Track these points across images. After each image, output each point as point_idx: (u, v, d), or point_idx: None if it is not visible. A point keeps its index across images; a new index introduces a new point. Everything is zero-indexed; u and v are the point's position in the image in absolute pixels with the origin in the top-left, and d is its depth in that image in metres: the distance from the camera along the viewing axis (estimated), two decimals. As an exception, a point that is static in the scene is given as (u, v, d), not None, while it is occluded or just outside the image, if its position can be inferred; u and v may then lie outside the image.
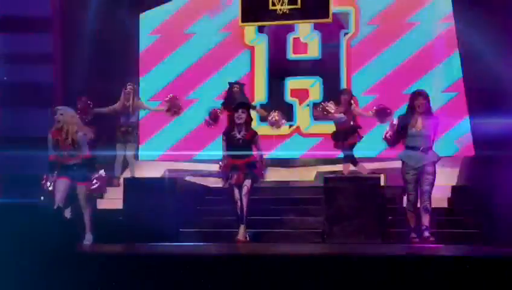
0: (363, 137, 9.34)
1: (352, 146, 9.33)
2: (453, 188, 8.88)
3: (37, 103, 9.54)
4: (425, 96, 7.40)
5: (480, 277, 4.37)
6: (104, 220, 8.13)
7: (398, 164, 7.61)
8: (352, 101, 9.36)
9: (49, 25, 9.92)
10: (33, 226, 5.26)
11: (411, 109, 7.39)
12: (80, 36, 10.23)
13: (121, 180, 9.01)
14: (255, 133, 7.89)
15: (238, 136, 7.77)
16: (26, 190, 8.40)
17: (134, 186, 8.42)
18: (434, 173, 7.34)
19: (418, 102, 7.34)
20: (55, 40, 9.98)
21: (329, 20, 10.47)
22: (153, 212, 7.92)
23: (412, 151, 7.37)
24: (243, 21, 10.94)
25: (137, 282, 4.68)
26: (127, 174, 9.58)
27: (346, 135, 9.29)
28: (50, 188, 7.85)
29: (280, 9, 10.64)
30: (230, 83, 9.64)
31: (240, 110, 7.82)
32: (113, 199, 9.10)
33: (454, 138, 10.05)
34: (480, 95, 9.64)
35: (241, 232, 7.63)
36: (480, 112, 9.54)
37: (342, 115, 9.22)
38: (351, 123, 9.30)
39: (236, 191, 7.71)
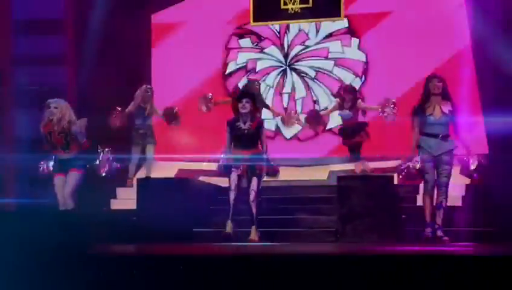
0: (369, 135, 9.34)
1: (359, 144, 9.30)
2: (467, 187, 8.84)
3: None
4: (441, 79, 7.28)
5: (494, 276, 4.34)
6: (118, 221, 8.20)
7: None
8: (356, 96, 9.35)
9: (62, 27, 10.00)
10: (46, 227, 5.27)
11: (427, 94, 7.26)
12: (92, 38, 10.30)
13: (134, 181, 9.05)
14: (261, 121, 7.83)
15: (244, 127, 7.62)
16: (41, 191, 8.46)
17: (147, 187, 8.45)
18: (451, 163, 7.25)
19: (433, 84, 7.21)
20: (68, 42, 10.06)
21: (341, 18, 10.51)
22: (166, 212, 7.95)
23: (430, 138, 7.25)
24: (254, 20, 11.03)
25: (151, 282, 4.69)
26: (140, 175, 9.61)
27: (353, 133, 9.27)
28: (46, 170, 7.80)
29: (292, 8, 10.70)
30: (249, 80, 9.67)
31: (244, 100, 7.63)
32: (126, 200, 9.15)
33: (467, 134, 10.02)
34: (493, 92, 9.62)
35: (253, 232, 7.59)
36: (493, 109, 9.48)
37: (347, 112, 9.21)
38: (358, 120, 9.29)
39: (233, 185, 7.59)
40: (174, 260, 4.88)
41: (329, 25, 11.05)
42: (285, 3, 10.83)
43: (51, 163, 7.64)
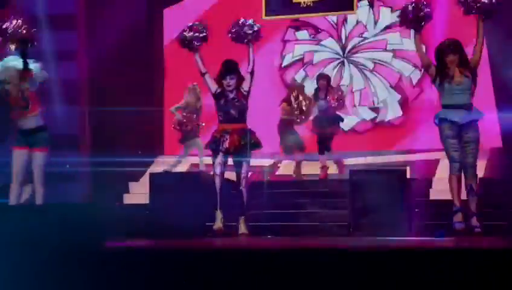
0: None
1: (332, 136, 9.27)
2: (481, 180, 8.79)
3: (62, 100, 9.68)
4: (455, 49, 6.52)
5: (506, 269, 4.30)
6: (131, 215, 8.24)
7: (423, 157, 7.55)
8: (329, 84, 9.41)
9: (73, 22, 10.04)
10: (58, 223, 5.26)
11: (441, 67, 6.52)
12: (104, 32, 10.36)
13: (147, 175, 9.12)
14: (247, 92, 7.27)
15: (231, 95, 7.19)
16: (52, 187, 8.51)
17: (160, 181, 8.46)
18: (478, 140, 6.50)
19: (449, 58, 6.47)
20: (79, 37, 10.11)
21: (354, 12, 10.54)
22: (178, 206, 7.94)
23: (453, 109, 6.48)
24: (266, 14, 11.09)
25: (165, 276, 4.70)
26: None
27: (328, 123, 9.23)
28: None
29: (304, 2, 10.75)
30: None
31: (228, 78, 7.17)
32: (139, 194, 9.22)
33: (481, 128, 9.99)
34: (508, 85, 9.56)
35: (243, 226, 7.27)
36: (508, 102, 9.49)
37: (322, 103, 9.19)
38: (335, 112, 9.29)
39: (218, 169, 7.22)
40: (186, 254, 4.87)
41: (388, 16, 11.07)
42: (297, -3, 10.95)
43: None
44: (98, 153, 9.57)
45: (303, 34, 11.52)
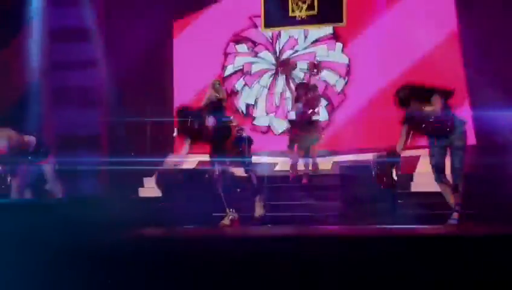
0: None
1: (312, 141, 9.56)
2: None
3: (84, 104, 10.26)
4: (408, 104, 6.82)
5: (479, 253, 4.45)
6: (145, 207, 8.69)
7: (408, 153, 7.98)
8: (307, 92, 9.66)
9: (94, 34, 10.59)
10: (76, 219, 5.65)
11: (409, 119, 6.84)
12: (121, 44, 10.81)
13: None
14: (215, 117, 7.16)
15: (205, 130, 7.13)
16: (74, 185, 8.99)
17: (171, 177, 8.68)
18: (463, 148, 6.80)
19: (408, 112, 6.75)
20: (99, 48, 10.65)
21: (343, 24, 11.19)
22: (187, 199, 8.13)
23: (434, 137, 6.86)
24: (265, 26, 11.71)
25: (166, 266, 4.75)
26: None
27: (305, 128, 9.54)
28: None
29: (299, 16, 11.40)
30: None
31: (189, 121, 7.01)
32: (152, 188, 9.42)
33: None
34: (481, 83, 9.73)
35: (259, 206, 7.42)
36: (481, 100, 9.65)
37: (299, 106, 9.55)
38: (311, 117, 9.59)
39: (216, 173, 7.18)
40: (196, 242, 5.03)
41: (316, 32, 11.67)
42: (293, 11, 11.40)
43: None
44: (115, 152, 10.00)
45: (242, 47, 12.14)
